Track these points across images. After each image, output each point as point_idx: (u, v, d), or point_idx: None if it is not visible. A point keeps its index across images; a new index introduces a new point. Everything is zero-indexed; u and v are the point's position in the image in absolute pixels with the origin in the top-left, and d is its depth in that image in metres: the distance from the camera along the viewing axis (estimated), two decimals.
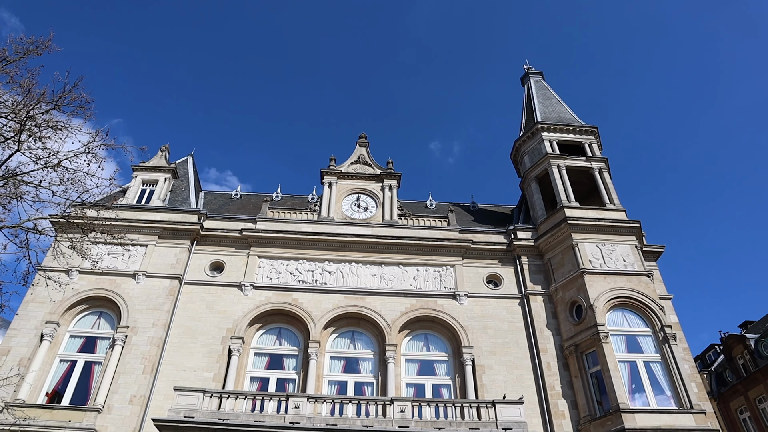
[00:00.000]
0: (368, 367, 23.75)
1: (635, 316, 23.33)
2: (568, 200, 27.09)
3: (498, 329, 24.39)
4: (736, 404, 39.39)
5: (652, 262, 26.73)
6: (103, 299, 23.74)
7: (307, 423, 17.34)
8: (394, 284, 25.62)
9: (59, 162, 14.03)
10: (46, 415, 20.19)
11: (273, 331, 24.63)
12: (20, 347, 21.79)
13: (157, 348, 22.39)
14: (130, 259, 24.82)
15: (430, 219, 28.45)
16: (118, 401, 20.88)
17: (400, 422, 17.60)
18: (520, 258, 26.60)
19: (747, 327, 44.04)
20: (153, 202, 27.54)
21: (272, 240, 26.37)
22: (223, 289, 24.81)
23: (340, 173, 29.99)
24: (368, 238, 26.68)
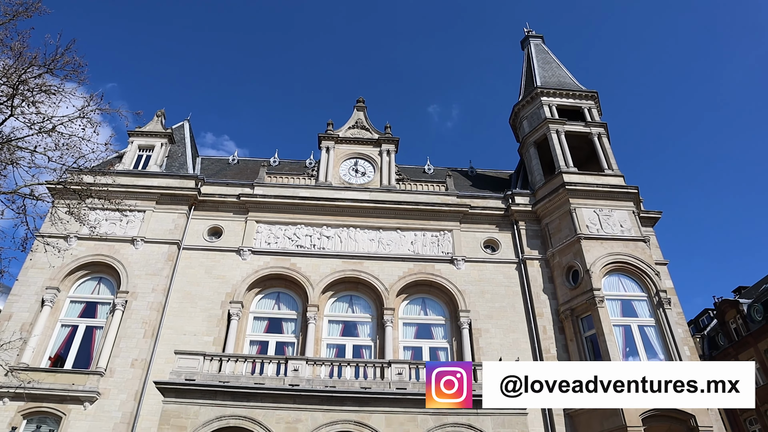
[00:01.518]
0: (366, 330, 24.04)
1: (631, 281, 23.54)
2: (567, 165, 27.01)
3: (495, 293, 24.62)
4: None
5: (649, 227, 26.82)
6: (102, 265, 23.87)
7: (306, 385, 17.60)
8: (391, 249, 25.72)
9: (54, 127, 13.87)
10: (50, 378, 20.51)
11: (272, 296, 24.83)
12: (21, 312, 21.99)
13: (157, 312, 22.61)
14: (128, 225, 24.84)
15: (427, 184, 28.39)
16: (120, 365, 21.19)
17: (397, 384, 17.86)
18: (518, 223, 26.67)
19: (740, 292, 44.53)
20: (150, 168, 27.39)
21: (270, 205, 26.34)
22: (221, 254, 24.91)
23: (338, 138, 29.79)
24: (366, 202, 26.68)
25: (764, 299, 38.05)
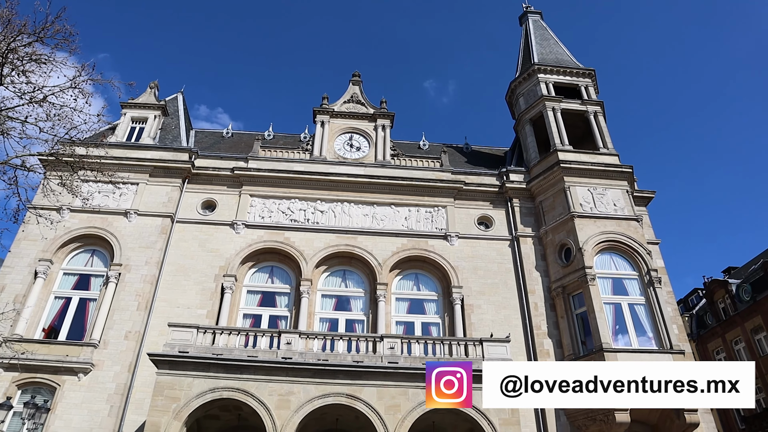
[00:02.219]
0: (359, 305, 24.20)
1: (623, 260, 23.72)
2: (562, 143, 26.95)
3: (487, 270, 24.75)
4: (713, 345, 40.79)
5: (642, 207, 26.91)
6: (95, 237, 23.79)
7: (299, 358, 17.77)
8: (385, 224, 25.75)
9: (45, 97, 13.68)
10: (44, 349, 20.60)
11: (265, 270, 24.89)
12: (15, 284, 21.98)
13: (150, 285, 22.65)
14: (121, 197, 24.71)
15: (422, 160, 28.32)
16: (114, 337, 21.29)
17: (389, 358, 18.06)
18: (512, 200, 26.69)
19: (730, 273, 45.04)
20: (143, 140, 27.14)
21: (264, 179, 26.25)
22: (215, 228, 24.88)
23: (333, 112, 29.57)
24: (360, 177, 26.61)
25: (753, 280, 38.48)
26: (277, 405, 16.80)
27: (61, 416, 19.48)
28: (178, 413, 16.32)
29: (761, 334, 36.56)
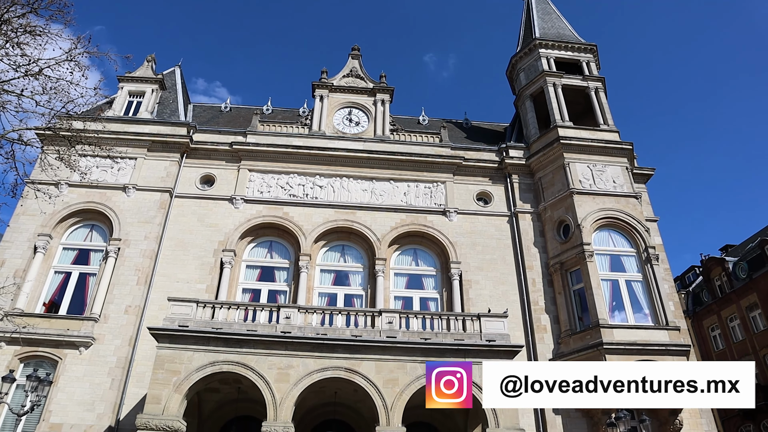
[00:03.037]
0: (358, 280, 24.31)
1: (621, 237, 23.78)
2: (562, 120, 26.79)
3: (486, 246, 24.82)
4: (708, 322, 41.15)
5: (641, 184, 26.87)
6: (94, 212, 23.76)
7: (298, 332, 17.88)
8: (384, 199, 25.73)
9: (41, 70, 13.51)
10: (45, 323, 20.75)
11: (264, 244, 24.95)
12: (14, 259, 22.03)
13: (149, 260, 22.71)
14: (119, 172, 24.62)
15: (422, 135, 28.18)
16: (114, 311, 21.43)
17: (388, 333, 18.17)
18: (511, 176, 26.64)
19: (727, 250, 45.18)
20: (140, 114, 26.93)
21: (263, 153, 26.14)
22: (214, 203, 24.85)
23: (332, 86, 29.32)
24: (359, 152, 26.50)
25: (750, 258, 38.62)
26: (277, 378, 16.97)
27: (63, 389, 19.72)
28: (178, 386, 16.50)
29: (756, 311, 36.84)
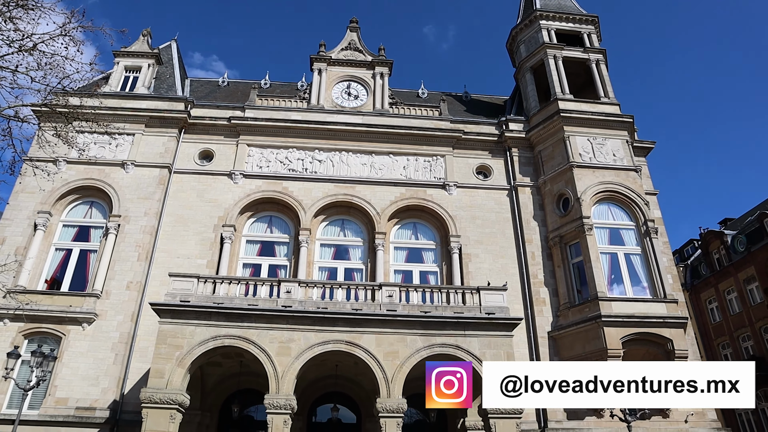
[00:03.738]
0: (358, 254, 24.41)
1: (620, 210, 23.80)
2: (563, 92, 26.57)
3: (486, 219, 24.86)
4: (706, 295, 41.42)
5: (641, 157, 26.78)
6: (93, 189, 23.73)
7: (299, 306, 17.98)
8: (384, 173, 25.68)
9: (35, 45, 13.32)
10: (47, 300, 20.89)
11: (264, 219, 24.97)
12: (15, 236, 22.07)
13: (150, 236, 22.77)
14: (117, 148, 24.50)
15: (421, 108, 27.98)
16: (116, 287, 21.56)
17: (388, 306, 18.27)
18: (511, 150, 26.53)
19: (726, 224, 45.21)
20: (137, 90, 26.68)
21: (261, 128, 25.99)
22: (213, 178, 24.81)
23: (330, 60, 29.01)
24: (358, 126, 26.35)
25: (748, 231, 38.67)
26: (278, 352, 17.13)
27: (67, 364, 19.97)
28: (181, 360, 16.68)
29: (753, 284, 37.05)
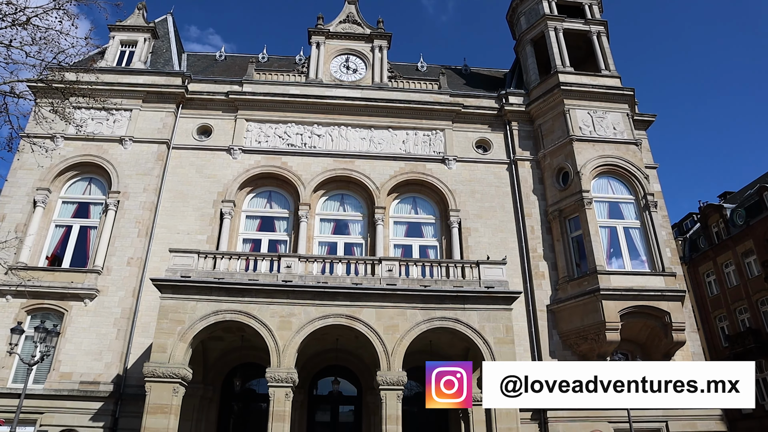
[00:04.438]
0: (357, 228, 24.45)
1: (620, 184, 23.74)
2: (563, 65, 26.30)
3: (485, 193, 24.84)
4: (704, 268, 41.60)
5: (642, 130, 26.64)
6: (91, 165, 23.65)
7: (299, 281, 18.08)
8: (383, 148, 25.58)
9: (28, 19, 13.14)
10: (49, 276, 21.02)
11: (263, 195, 24.96)
12: (14, 213, 22.07)
13: (149, 212, 22.77)
14: (115, 124, 24.35)
15: (420, 82, 27.76)
16: (117, 263, 21.65)
17: (388, 280, 18.38)
18: (511, 123, 26.37)
19: (726, 197, 45.13)
20: (134, 65, 26.39)
21: (259, 103, 25.80)
22: (211, 154, 24.72)
23: (328, 33, 28.67)
24: (357, 100, 26.15)
25: (747, 204, 38.63)
26: (279, 326, 17.29)
27: (71, 339, 20.17)
28: (183, 335, 16.83)
29: (751, 257, 37.18)
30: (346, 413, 22.83)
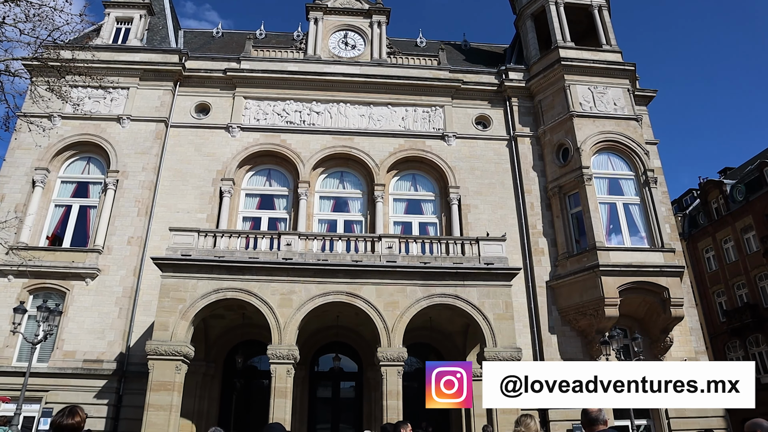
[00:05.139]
0: (357, 206, 24.46)
1: (620, 160, 23.64)
2: (564, 40, 25.99)
3: (485, 170, 24.78)
4: (703, 244, 41.60)
5: (642, 106, 26.46)
6: (89, 144, 23.53)
7: (300, 259, 18.15)
8: (382, 124, 25.44)
9: None
10: (50, 256, 21.09)
11: (263, 173, 24.90)
12: (14, 193, 22.04)
13: (149, 191, 22.73)
14: (112, 102, 24.17)
15: (419, 58, 27.47)
16: (117, 242, 21.69)
17: (387, 257, 18.45)
18: (511, 99, 26.17)
19: (726, 173, 44.96)
20: (130, 42, 26.05)
21: (258, 80, 25.58)
22: (210, 132, 24.58)
23: (327, 8, 28.26)
24: (356, 77, 25.93)
25: (748, 180, 38.46)
26: (280, 304, 17.40)
27: (73, 318, 20.31)
28: (184, 313, 16.95)
29: (750, 233, 37.17)
30: (347, 389, 23.13)
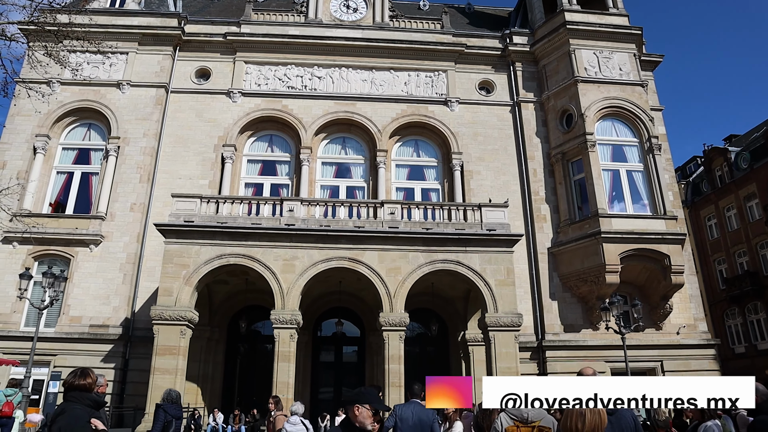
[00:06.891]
0: (359, 172, 24.39)
1: (624, 126, 23.38)
2: (570, 2, 25.35)
3: (488, 136, 24.61)
4: (706, 212, 41.47)
5: (648, 71, 26.03)
6: (89, 110, 23.35)
7: (302, 224, 18.21)
8: (385, 89, 25.17)
9: None
10: (53, 223, 21.19)
11: (264, 138, 24.77)
12: (15, 160, 22.00)
13: (150, 158, 22.67)
14: (112, 68, 23.89)
15: (422, 21, 27.01)
16: (120, 209, 21.75)
17: (390, 223, 18.49)
18: (514, 64, 25.80)
19: (731, 141, 44.51)
20: (128, 6, 25.55)
21: (258, 44, 25.23)
22: (211, 97, 24.37)
23: None
24: (358, 41, 25.55)
25: (753, 147, 38.07)
26: (282, 269, 17.53)
27: (78, 284, 20.53)
28: (188, 279, 17.09)
29: (753, 201, 37.01)
30: (350, 353, 23.50)
